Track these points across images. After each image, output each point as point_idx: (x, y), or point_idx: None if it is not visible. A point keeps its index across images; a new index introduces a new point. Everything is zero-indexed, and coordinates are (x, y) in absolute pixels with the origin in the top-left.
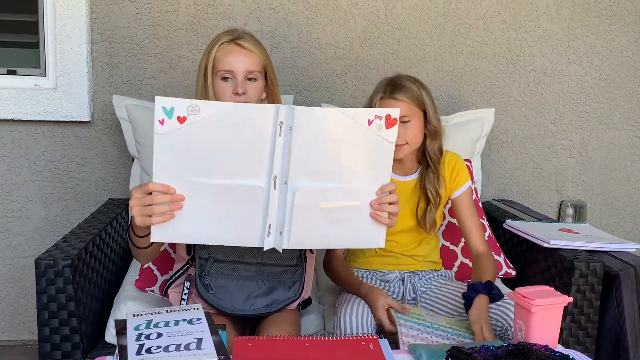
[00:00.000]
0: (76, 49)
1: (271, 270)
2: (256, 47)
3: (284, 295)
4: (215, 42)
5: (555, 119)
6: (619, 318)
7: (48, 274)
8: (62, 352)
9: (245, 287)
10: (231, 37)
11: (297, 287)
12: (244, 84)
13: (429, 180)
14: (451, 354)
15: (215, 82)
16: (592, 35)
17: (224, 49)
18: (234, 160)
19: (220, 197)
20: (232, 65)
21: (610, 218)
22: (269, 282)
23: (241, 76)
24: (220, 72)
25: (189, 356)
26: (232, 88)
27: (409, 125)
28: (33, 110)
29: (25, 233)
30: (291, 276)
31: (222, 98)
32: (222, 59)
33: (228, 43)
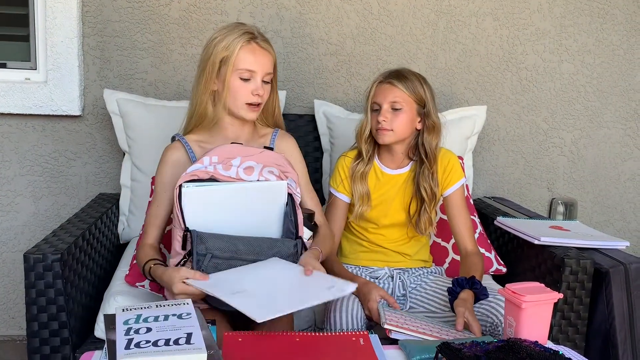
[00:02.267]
0: (67, 43)
1: None
2: (271, 48)
3: None
4: (234, 38)
5: (547, 117)
6: (608, 315)
7: (37, 268)
8: (51, 346)
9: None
10: (251, 36)
11: None
12: (262, 86)
13: (423, 178)
14: (441, 349)
15: (233, 80)
16: (584, 34)
17: (246, 48)
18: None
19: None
20: (253, 65)
21: (600, 216)
22: None
23: (260, 77)
24: (240, 70)
25: (179, 351)
26: (253, 89)
27: (399, 113)
28: (23, 104)
29: (15, 228)
30: None
31: (238, 98)
32: (245, 58)
33: (248, 42)
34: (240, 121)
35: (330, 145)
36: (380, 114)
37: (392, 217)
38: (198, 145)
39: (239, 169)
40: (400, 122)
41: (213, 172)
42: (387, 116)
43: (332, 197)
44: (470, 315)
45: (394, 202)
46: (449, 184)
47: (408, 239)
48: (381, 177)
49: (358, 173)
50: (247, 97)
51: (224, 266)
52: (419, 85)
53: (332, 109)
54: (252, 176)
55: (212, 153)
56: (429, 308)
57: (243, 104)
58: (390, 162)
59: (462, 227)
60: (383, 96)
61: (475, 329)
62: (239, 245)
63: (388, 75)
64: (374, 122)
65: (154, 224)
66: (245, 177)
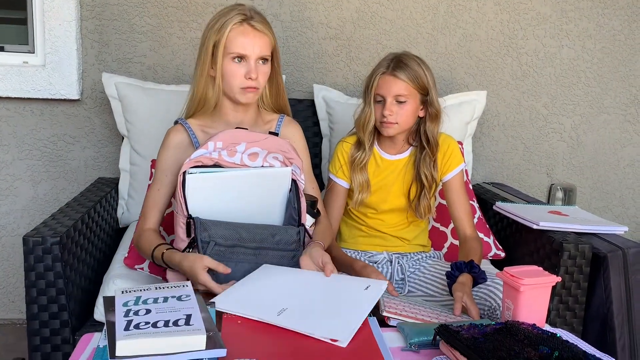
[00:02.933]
0: (65, 26)
1: (270, 254)
2: (268, 29)
3: None
4: (226, 20)
5: (547, 103)
6: (606, 299)
7: (36, 251)
8: (51, 329)
9: (244, 271)
10: (244, 17)
11: None
12: (256, 68)
13: (424, 164)
14: (439, 331)
15: (226, 63)
16: (585, 19)
17: (237, 30)
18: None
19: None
20: (245, 48)
21: (599, 202)
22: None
23: (254, 60)
24: (232, 54)
25: (178, 332)
26: (245, 72)
27: (404, 105)
28: (21, 88)
29: (14, 212)
30: (289, 261)
31: (232, 81)
32: (235, 40)
33: (240, 23)
34: (242, 106)
35: (330, 130)
36: (385, 108)
37: (391, 203)
38: (201, 129)
39: (244, 155)
40: (405, 114)
41: (217, 158)
42: (392, 109)
43: (331, 183)
44: (468, 300)
45: (393, 187)
46: (449, 169)
47: (407, 224)
48: (380, 162)
49: (358, 162)
50: (241, 81)
51: (227, 254)
52: (422, 74)
53: (332, 94)
54: (256, 162)
55: (217, 138)
56: (427, 292)
57: (238, 88)
58: (390, 148)
59: (461, 212)
60: (387, 89)
61: (473, 313)
62: (242, 232)
63: (391, 65)
64: (378, 115)
65: (154, 208)
66: (249, 163)
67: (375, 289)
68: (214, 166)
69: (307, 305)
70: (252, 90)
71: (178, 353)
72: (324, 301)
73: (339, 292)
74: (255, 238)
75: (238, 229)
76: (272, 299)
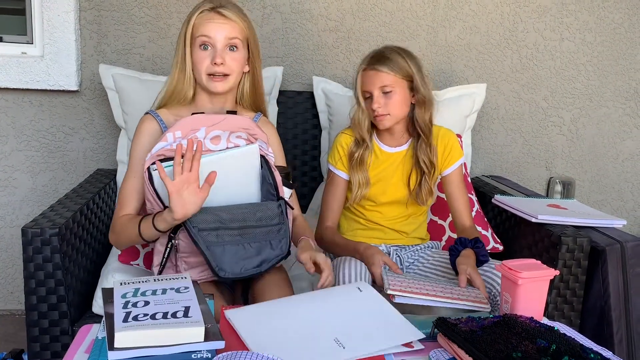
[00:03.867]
0: (64, 17)
1: (256, 232)
2: (238, 17)
3: (272, 254)
4: (195, 10)
5: (547, 96)
6: (603, 293)
7: (35, 242)
8: (50, 320)
9: (233, 252)
10: (212, 5)
11: (284, 244)
12: (223, 53)
13: (421, 151)
14: (437, 324)
15: (194, 51)
16: (586, 12)
17: (203, 16)
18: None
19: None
20: (210, 32)
21: (598, 195)
22: (255, 243)
23: (220, 45)
24: (199, 38)
25: (176, 324)
26: (211, 58)
27: (391, 95)
28: (20, 79)
29: (13, 203)
30: (276, 234)
31: (200, 68)
32: (201, 26)
33: (208, 11)
34: (217, 97)
35: (329, 123)
36: (373, 102)
37: (391, 195)
38: (173, 117)
39: (205, 140)
40: (394, 104)
41: None
42: (381, 102)
43: (331, 174)
44: (473, 271)
45: (393, 178)
46: (449, 164)
47: (406, 217)
48: (380, 155)
49: (357, 158)
50: (208, 67)
51: (212, 237)
52: (402, 62)
53: (331, 86)
54: (219, 145)
55: (175, 128)
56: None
57: (205, 75)
58: (390, 140)
59: (460, 205)
60: (371, 83)
61: (478, 284)
62: (222, 214)
63: (370, 60)
64: (370, 110)
65: (131, 196)
66: (212, 147)
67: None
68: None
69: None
70: (220, 78)
71: (176, 345)
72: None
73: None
74: (237, 218)
75: (217, 212)
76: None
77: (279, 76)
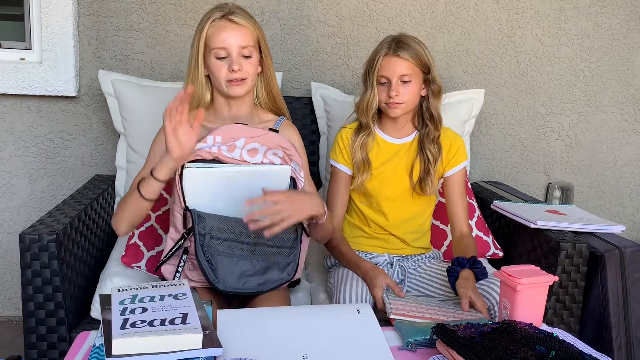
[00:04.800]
0: (62, 23)
1: (266, 250)
2: (248, 21)
3: (277, 276)
4: (206, 19)
5: (545, 101)
6: (603, 299)
7: (32, 248)
8: (47, 327)
9: (240, 266)
10: (222, 13)
11: (291, 269)
12: (239, 60)
13: (428, 141)
14: (436, 331)
15: (210, 61)
16: (584, 18)
17: (215, 26)
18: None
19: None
20: (224, 42)
21: (597, 201)
22: (263, 262)
23: (235, 52)
24: (215, 50)
25: (174, 331)
26: (228, 65)
27: (409, 85)
28: (18, 84)
29: (10, 209)
30: (286, 257)
31: (218, 76)
32: (215, 36)
33: (220, 19)
34: (235, 100)
35: (328, 128)
36: (391, 89)
37: (394, 188)
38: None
39: (243, 150)
40: (411, 94)
41: (217, 153)
42: (399, 90)
43: (333, 170)
44: (473, 294)
45: (396, 171)
46: (453, 164)
47: (410, 218)
48: (383, 146)
49: (358, 143)
50: (226, 74)
51: (223, 247)
52: (422, 52)
53: (330, 92)
54: (256, 158)
55: (216, 132)
56: (423, 292)
57: (224, 81)
58: (393, 131)
59: (459, 208)
60: (392, 70)
61: (479, 306)
62: (236, 227)
63: (392, 46)
64: (384, 97)
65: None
66: (249, 159)
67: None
68: (212, 161)
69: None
70: (239, 82)
71: (174, 352)
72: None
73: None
74: (251, 233)
75: (232, 223)
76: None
77: (278, 82)
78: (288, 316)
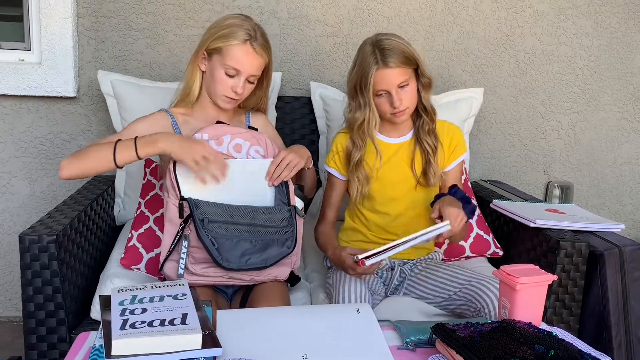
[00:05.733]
0: (61, 23)
1: (264, 230)
2: (266, 52)
3: (278, 251)
4: (232, 33)
5: (544, 100)
6: (602, 297)
7: (32, 249)
8: (47, 327)
9: (240, 246)
10: (249, 37)
11: (291, 242)
12: (244, 84)
13: (424, 132)
14: (435, 330)
15: (218, 71)
16: (583, 16)
17: (240, 48)
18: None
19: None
20: (241, 66)
21: (596, 199)
22: (262, 241)
23: (244, 76)
24: (227, 66)
25: (174, 331)
26: (232, 85)
27: (408, 88)
28: (17, 85)
29: (10, 209)
30: (284, 234)
31: (219, 88)
32: (234, 57)
33: (244, 42)
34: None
35: (327, 128)
36: (394, 100)
37: (399, 188)
38: (182, 118)
39: (229, 145)
40: (410, 96)
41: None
42: (401, 98)
43: (327, 175)
44: (443, 205)
45: (398, 169)
46: (454, 158)
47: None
48: (383, 147)
49: (355, 159)
50: (227, 91)
51: (222, 230)
52: (406, 50)
53: (329, 92)
54: (241, 154)
55: (203, 131)
56: (419, 294)
57: (222, 95)
58: (392, 131)
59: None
60: (388, 82)
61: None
62: (233, 210)
63: (378, 56)
64: (387, 108)
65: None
66: (234, 153)
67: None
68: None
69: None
70: (233, 101)
71: (174, 352)
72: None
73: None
74: (247, 215)
75: (228, 208)
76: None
77: (277, 82)
78: (287, 316)
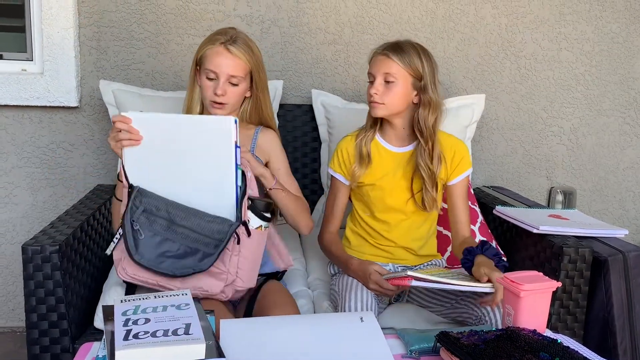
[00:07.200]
0: (63, 33)
1: (194, 237)
2: (244, 54)
3: (192, 263)
4: (208, 42)
5: (546, 106)
6: (607, 303)
7: (35, 259)
8: (50, 338)
9: (163, 246)
10: (224, 40)
11: (209, 261)
12: (224, 86)
13: (420, 156)
14: (440, 338)
15: (202, 78)
16: (583, 22)
17: (213, 50)
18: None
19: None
20: (215, 67)
21: (599, 204)
22: (186, 247)
23: (223, 78)
24: (206, 70)
25: (177, 341)
26: (214, 88)
27: (392, 86)
28: (20, 95)
29: (13, 219)
30: (212, 248)
31: (205, 94)
32: (210, 59)
33: (219, 45)
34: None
35: (329, 136)
36: (373, 87)
37: (396, 198)
38: None
39: None
40: (393, 96)
41: None
42: (379, 89)
43: (331, 179)
44: (487, 269)
45: (398, 182)
46: (458, 173)
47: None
48: (384, 154)
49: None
50: (211, 96)
51: (152, 224)
52: (416, 58)
53: (330, 99)
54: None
55: None
56: (421, 302)
57: (208, 101)
58: (394, 139)
59: (462, 215)
60: (377, 68)
61: (494, 278)
62: (173, 210)
63: (386, 46)
64: (369, 92)
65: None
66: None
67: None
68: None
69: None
70: (219, 106)
71: None
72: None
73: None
74: (185, 216)
75: (171, 207)
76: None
77: (279, 90)
78: (291, 325)
